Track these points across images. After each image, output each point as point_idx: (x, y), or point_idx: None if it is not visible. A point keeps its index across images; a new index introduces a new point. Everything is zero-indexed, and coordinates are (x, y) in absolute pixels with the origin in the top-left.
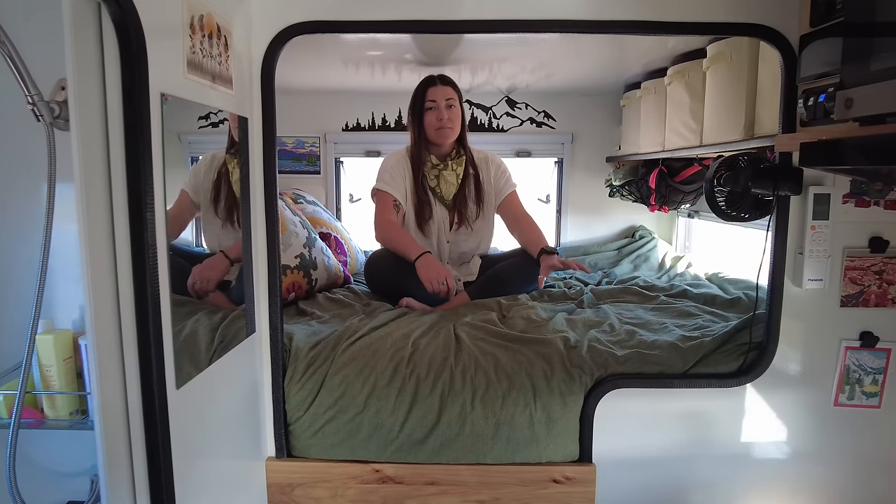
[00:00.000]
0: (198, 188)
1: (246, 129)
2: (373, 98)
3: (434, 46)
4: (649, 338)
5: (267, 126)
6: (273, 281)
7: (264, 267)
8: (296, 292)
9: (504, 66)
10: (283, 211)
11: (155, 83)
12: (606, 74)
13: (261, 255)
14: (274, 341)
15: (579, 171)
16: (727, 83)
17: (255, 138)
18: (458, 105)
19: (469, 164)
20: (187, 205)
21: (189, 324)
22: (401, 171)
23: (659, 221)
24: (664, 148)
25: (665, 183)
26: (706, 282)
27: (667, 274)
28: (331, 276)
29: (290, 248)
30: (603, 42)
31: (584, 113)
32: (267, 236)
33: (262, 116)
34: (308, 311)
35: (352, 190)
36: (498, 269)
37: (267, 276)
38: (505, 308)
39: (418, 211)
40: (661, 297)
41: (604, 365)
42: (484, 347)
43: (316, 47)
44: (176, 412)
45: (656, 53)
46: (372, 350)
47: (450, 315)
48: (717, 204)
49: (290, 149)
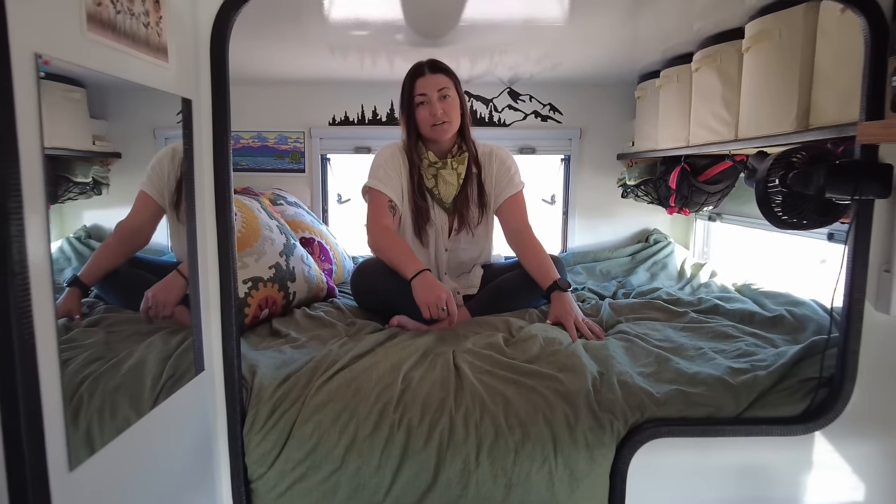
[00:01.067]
0: (162, 189)
1: (189, 114)
2: (362, 89)
3: (429, 24)
4: (688, 368)
5: (218, 111)
6: (228, 303)
7: (216, 286)
8: (270, 309)
9: (506, 55)
10: (258, 214)
11: (23, 37)
12: (619, 63)
13: (211, 271)
14: (230, 380)
15: (588, 170)
16: (774, 65)
17: (203, 126)
18: (454, 94)
19: (472, 161)
20: (150, 209)
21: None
22: (396, 166)
23: (674, 225)
24: (688, 143)
25: (687, 182)
26: (738, 295)
27: (689, 284)
28: (312, 288)
29: (264, 258)
30: (616, 27)
31: (594, 105)
32: (219, 247)
33: (211, 99)
34: (283, 331)
35: (340, 190)
36: (503, 282)
37: (220, 297)
38: (513, 328)
39: (415, 215)
40: (690, 313)
41: (639, 407)
42: (491, 384)
43: (299, 31)
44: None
45: (680, 37)
46: (353, 388)
47: (448, 337)
48: (771, 209)
49: (271, 145)
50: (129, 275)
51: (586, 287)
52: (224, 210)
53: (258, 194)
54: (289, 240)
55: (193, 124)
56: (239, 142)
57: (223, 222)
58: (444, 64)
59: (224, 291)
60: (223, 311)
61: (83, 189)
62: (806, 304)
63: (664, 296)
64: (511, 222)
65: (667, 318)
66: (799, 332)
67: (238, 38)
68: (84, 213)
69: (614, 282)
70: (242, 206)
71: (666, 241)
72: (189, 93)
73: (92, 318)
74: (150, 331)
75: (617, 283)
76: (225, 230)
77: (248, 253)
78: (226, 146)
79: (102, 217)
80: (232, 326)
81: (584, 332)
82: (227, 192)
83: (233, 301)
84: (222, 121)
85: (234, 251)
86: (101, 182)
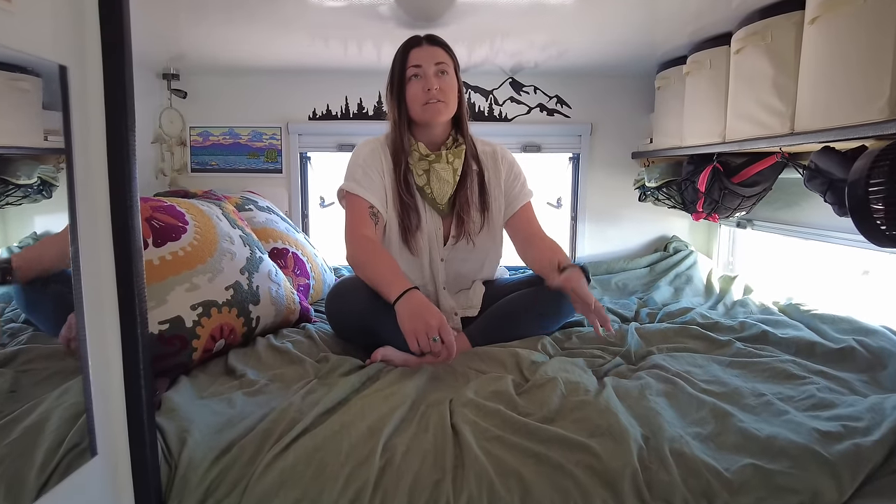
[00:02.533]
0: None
1: (66, 84)
2: (347, 79)
3: (422, 3)
4: (758, 428)
5: (113, 88)
6: (133, 360)
7: (115, 334)
8: (227, 339)
9: (508, 40)
10: (217, 223)
11: None
12: (636, 48)
13: (108, 313)
14: (139, 467)
15: (599, 170)
16: (854, 37)
17: (91, 109)
18: (452, 72)
19: (470, 156)
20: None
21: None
22: (377, 165)
23: (694, 231)
24: (724, 139)
25: (719, 184)
26: (785, 318)
27: (722, 303)
28: (280, 311)
29: (220, 276)
30: (633, 6)
31: (607, 98)
32: (119, 282)
33: (102, 65)
34: (238, 370)
35: (322, 192)
36: (508, 303)
37: (121, 352)
38: (524, 365)
39: (402, 219)
40: (735, 343)
41: (705, 494)
42: (501, 458)
43: (273, 10)
44: None
45: (714, 14)
46: (316, 465)
47: (444, 376)
48: (871, 221)
49: (244, 142)
50: (63, 293)
51: (604, 305)
52: (126, 231)
53: (221, 198)
54: (254, 253)
55: (72, 103)
56: (208, 139)
57: (125, 248)
58: (442, 39)
59: (127, 344)
60: (127, 372)
61: (27, 192)
62: (879, 334)
63: (698, 318)
64: (528, 229)
65: (707, 349)
66: (878, 370)
67: (203, 20)
68: (35, 219)
69: (634, 298)
70: (197, 214)
71: (687, 250)
72: (59, 55)
73: (7, 352)
74: (75, 370)
75: (638, 300)
76: (128, 260)
77: (200, 271)
78: (123, 139)
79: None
80: (141, 391)
81: (604, 320)
82: (128, 204)
83: (140, 358)
84: (118, 103)
85: (142, 288)
86: (51, 183)
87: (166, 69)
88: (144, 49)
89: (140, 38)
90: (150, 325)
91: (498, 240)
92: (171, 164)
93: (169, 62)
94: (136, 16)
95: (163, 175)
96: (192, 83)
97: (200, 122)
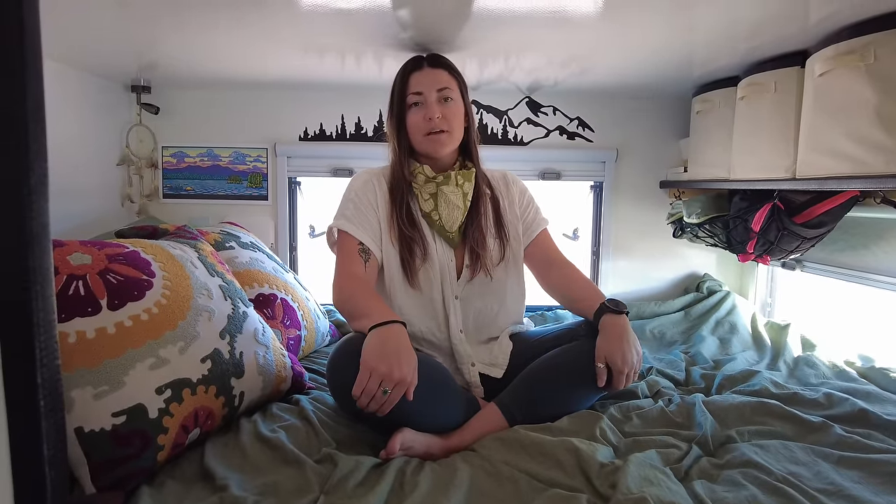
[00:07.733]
0: None
1: None
2: (343, 95)
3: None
4: None
5: None
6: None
7: None
8: (203, 426)
9: (524, 56)
10: (192, 272)
11: None
12: (669, 68)
13: None
14: None
15: (624, 200)
16: None
17: None
18: (458, 97)
19: (481, 180)
20: None
21: None
22: (370, 198)
23: (723, 267)
24: (795, 175)
25: (778, 224)
26: (873, 386)
27: (783, 360)
28: (269, 382)
29: (195, 345)
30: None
31: (633, 121)
32: None
33: None
34: (218, 477)
35: (313, 221)
36: (549, 369)
37: None
38: (592, 471)
39: (404, 252)
40: (833, 427)
41: None
42: None
43: (266, 21)
44: None
45: (776, 32)
46: None
47: (488, 485)
48: None
49: (225, 164)
50: None
51: (653, 368)
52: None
53: (196, 236)
54: (237, 308)
55: None
56: (183, 160)
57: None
58: (447, 59)
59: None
60: None
61: None
62: None
63: (771, 388)
64: (548, 255)
65: (798, 435)
66: None
67: (183, 28)
68: None
69: (678, 352)
70: (167, 261)
71: (723, 291)
72: None
73: None
74: None
75: (685, 356)
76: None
77: (169, 339)
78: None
79: None
80: None
81: (617, 388)
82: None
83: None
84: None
85: (56, 371)
86: None
87: (135, 80)
88: (110, 56)
89: (105, 43)
90: (101, 419)
91: (520, 272)
92: (140, 190)
93: (139, 72)
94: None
95: (130, 202)
96: (166, 97)
97: (174, 142)
